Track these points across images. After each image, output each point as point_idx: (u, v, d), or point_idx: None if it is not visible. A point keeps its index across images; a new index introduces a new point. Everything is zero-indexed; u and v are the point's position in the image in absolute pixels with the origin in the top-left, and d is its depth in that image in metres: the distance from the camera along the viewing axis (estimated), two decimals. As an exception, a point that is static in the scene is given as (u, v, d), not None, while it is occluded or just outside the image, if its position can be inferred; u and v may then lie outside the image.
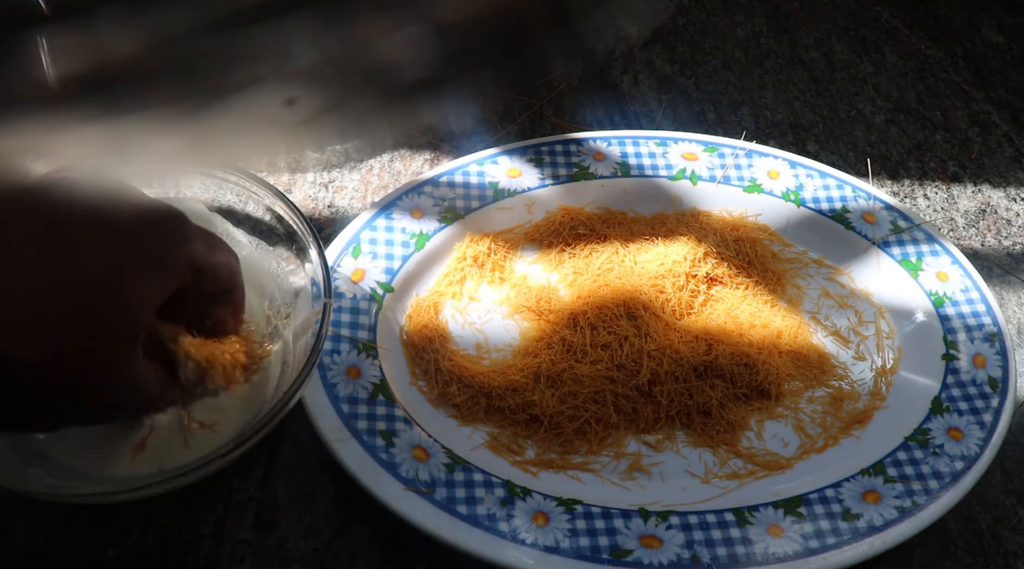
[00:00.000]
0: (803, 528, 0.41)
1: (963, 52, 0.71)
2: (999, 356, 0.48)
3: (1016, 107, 0.67)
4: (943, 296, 0.51)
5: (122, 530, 0.41)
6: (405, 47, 0.27)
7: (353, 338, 0.46)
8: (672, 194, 0.56)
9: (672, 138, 0.57)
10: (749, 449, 0.46)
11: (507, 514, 0.41)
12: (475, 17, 0.27)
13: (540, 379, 0.46)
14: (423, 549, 0.41)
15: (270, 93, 0.27)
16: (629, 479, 0.44)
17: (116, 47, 0.25)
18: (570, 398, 0.45)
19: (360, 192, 0.56)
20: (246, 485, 0.43)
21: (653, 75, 0.67)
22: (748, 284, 0.51)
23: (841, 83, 0.68)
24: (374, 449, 0.41)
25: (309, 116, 0.28)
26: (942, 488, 0.43)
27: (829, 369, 0.49)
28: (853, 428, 0.47)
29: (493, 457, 0.44)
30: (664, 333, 0.48)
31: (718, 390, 0.47)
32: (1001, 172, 0.63)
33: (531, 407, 0.45)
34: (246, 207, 0.44)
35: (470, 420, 0.45)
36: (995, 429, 0.45)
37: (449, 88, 0.30)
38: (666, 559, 0.40)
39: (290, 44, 0.26)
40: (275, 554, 0.41)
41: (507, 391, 0.45)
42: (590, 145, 0.56)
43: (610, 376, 0.46)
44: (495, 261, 0.52)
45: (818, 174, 0.56)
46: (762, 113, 0.65)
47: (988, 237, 0.58)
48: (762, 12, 0.73)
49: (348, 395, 0.43)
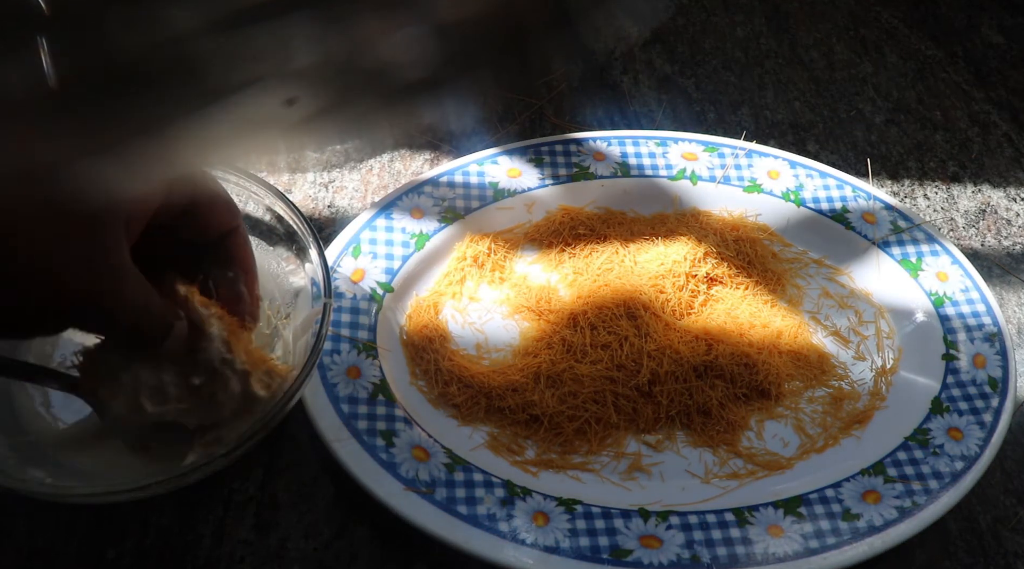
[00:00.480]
0: (803, 528, 0.41)
1: (963, 52, 0.71)
2: (999, 356, 0.48)
3: (1016, 107, 0.67)
4: (943, 296, 0.51)
5: (122, 530, 0.41)
6: (405, 47, 0.27)
7: (353, 338, 0.46)
8: (672, 194, 0.56)
9: (672, 138, 0.57)
10: (749, 449, 0.46)
11: (507, 514, 0.41)
12: (475, 17, 0.27)
13: (540, 379, 0.46)
14: (423, 549, 0.41)
15: (270, 93, 0.27)
16: (629, 479, 0.44)
17: (116, 47, 0.25)
18: (570, 398, 0.45)
19: (360, 192, 0.56)
20: (246, 485, 0.43)
21: (653, 75, 0.67)
22: (748, 284, 0.51)
23: (841, 83, 0.68)
24: (374, 449, 0.41)
25: (309, 116, 0.28)
26: (942, 488, 0.43)
27: (829, 369, 0.49)
28: (853, 428, 0.47)
29: (493, 457, 0.44)
30: (664, 333, 0.48)
31: (718, 390, 0.47)
32: (1001, 172, 0.63)
33: (531, 407, 0.45)
34: (246, 207, 0.44)
35: (470, 420, 0.45)
36: (995, 429, 0.45)
37: (449, 88, 0.30)
38: (666, 559, 0.40)
39: (290, 44, 0.26)
40: (275, 554, 0.41)
41: (507, 391, 0.45)
42: (590, 145, 0.56)
43: (610, 376, 0.46)
44: (495, 261, 0.52)
45: (818, 174, 0.56)
46: (762, 113, 0.65)
47: (988, 237, 0.58)
48: (762, 12, 0.73)
49: (348, 395, 0.43)
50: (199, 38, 0.25)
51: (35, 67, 0.24)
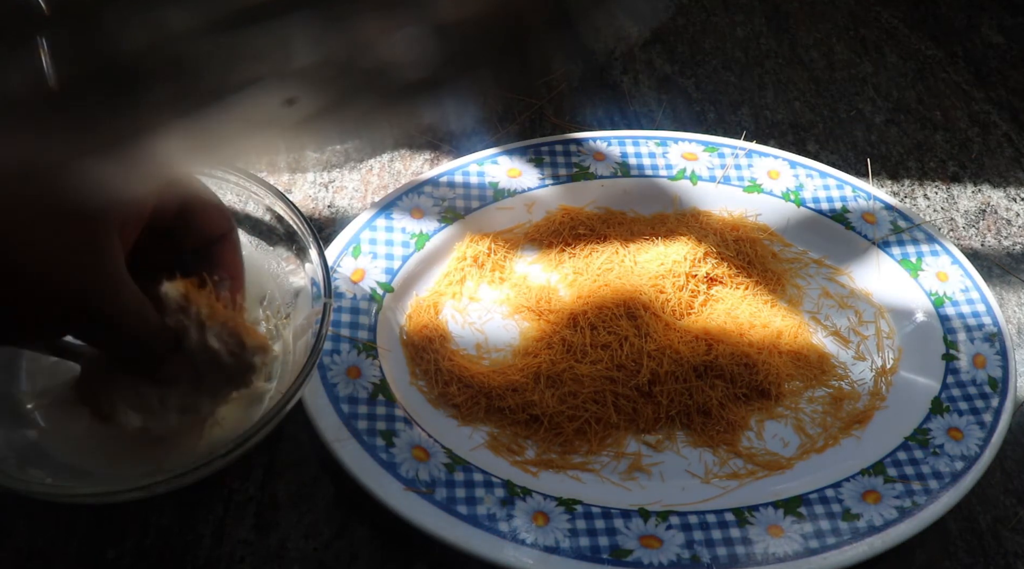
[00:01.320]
0: (803, 528, 0.41)
1: (963, 52, 0.71)
2: (999, 356, 0.48)
3: (1016, 107, 0.67)
4: (943, 296, 0.51)
5: (122, 530, 0.41)
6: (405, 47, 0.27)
7: (353, 338, 0.46)
8: (672, 194, 0.56)
9: (672, 138, 0.57)
10: (749, 449, 0.46)
11: (507, 514, 0.41)
12: (475, 17, 0.27)
13: (540, 379, 0.46)
14: (423, 549, 0.41)
15: (270, 93, 0.27)
16: (629, 479, 0.44)
17: (116, 47, 0.25)
18: (570, 398, 0.45)
19: (360, 192, 0.56)
20: (246, 485, 0.43)
21: (653, 75, 0.67)
22: (748, 284, 0.51)
23: (841, 83, 0.68)
24: (374, 449, 0.41)
25: (309, 116, 0.28)
26: (942, 488, 0.43)
27: (829, 369, 0.49)
28: (853, 428, 0.47)
29: (493, 457, 0.44)
30: (664, 333, 0.48)
31: (718, 390, 0.47)
32: (1001, 172, 0.63)
33: (531, 407, 0.45)
34: (246, 207, 0.44)
35: (470, 420, 0.45)
36: (995, 429, 0.45)
37: (449, 88, 0.30)
38: (666, 559, 0.40)
39: (290, 44, 0.26)
40: (275, 554, 0.41)
41: (507, 391, 0.45)
42: (590, 145, 0.56)
43: (610, 376, 0.46)
44: (495, 261, 0.52)
45: (818, 174, 0.56)
46: (762, 113, 0.65)
47: (988, 237, 0.58)
48: (762, 12, 0.73)
49: (348, 395, 0.43)
50: (199, 38, 0.25)
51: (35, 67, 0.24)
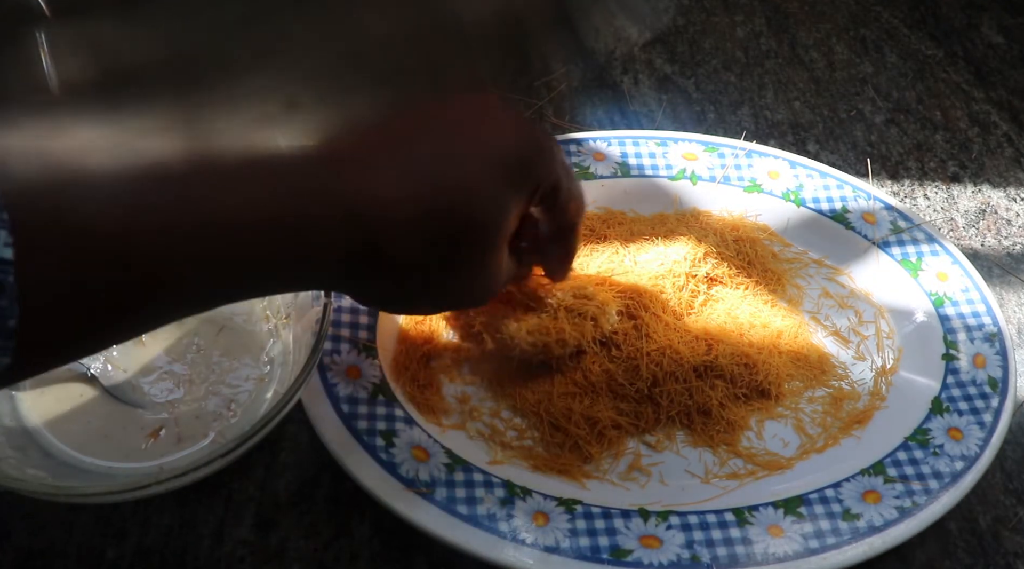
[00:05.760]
0: (803, 528, 0.41)
1: (963, 52, 0.71)
2: (999, 356, 0.48)
3: (1016, 107, 0.67)
4: (943, 296, 0.51)
5: (122, 530, 0.41)
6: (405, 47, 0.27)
7: (353, 338, 0.46)
8: (672, 194, 0.56)
9: (672, 138, 0.57)
10: (749, 449, 0.46)
11: (507, 514, 0.41)
12: (476, 17, 0.27)
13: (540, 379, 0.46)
14: (423, 549, 0.41)
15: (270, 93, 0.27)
16: (629, 479, 0.44)
17: (116, 47, 0.25)
18: (570, 398, 0.45)
19: (360, 192, 0.56)
20: (246, 485, 0.43)
21: (653, 75, 0.67)
22: (748, 284, 0.51)
23: (841, 83, 0.68)
24: (374, 449, 0.41)
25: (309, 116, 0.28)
26: (942, 488, 0.43)
27: (829, 369, 0.49)
28: (853, 428, 0.47)
29: (492, 457, 0.44)
30: (664, 333, 0.48)
31: (718, 390, 0.46)
32: (1001, 172, 0.63)
33: (531, 407, 0.45)
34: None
35: (466, 420, 0.45)
36: (995, 429, 0.45)
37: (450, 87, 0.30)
38: (666, 559, 0.40)
39: (292, 43, 0.26)
40: (275, 554, 0.41)
41: (507, 391, 0.45)
42: (590, 145, 0.56)
43: (610, 376, 0.46)
44: (495, 261, 0.52)
45: (818, 174, 0.56)
46: (762, 113, 0.65)
47: (988, 237, 0.58)
48: (762, 12, 0.73)
49: (348, 395, 0.43)
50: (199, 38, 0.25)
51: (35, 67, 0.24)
